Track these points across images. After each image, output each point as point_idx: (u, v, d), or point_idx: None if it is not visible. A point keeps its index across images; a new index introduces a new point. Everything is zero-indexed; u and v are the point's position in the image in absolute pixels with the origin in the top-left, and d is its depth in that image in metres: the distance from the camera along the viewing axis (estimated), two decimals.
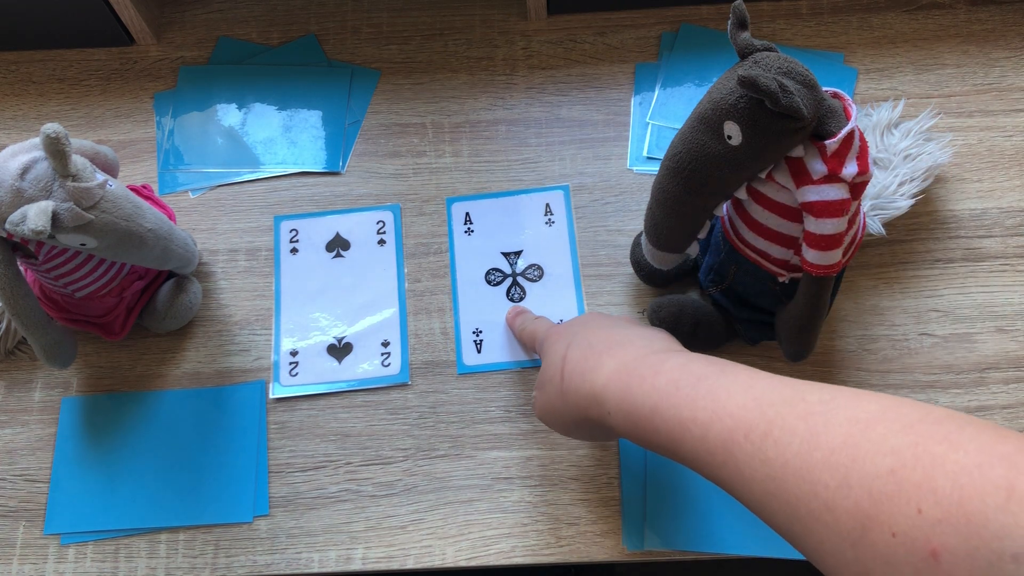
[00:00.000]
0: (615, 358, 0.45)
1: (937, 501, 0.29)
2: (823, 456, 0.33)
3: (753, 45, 0.45)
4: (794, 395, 0.37)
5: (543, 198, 0.66)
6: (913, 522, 0.30)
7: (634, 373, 0.43)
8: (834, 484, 0.32)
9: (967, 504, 0.29)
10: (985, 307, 0.61)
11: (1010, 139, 0.66)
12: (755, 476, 0.36)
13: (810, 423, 0.35)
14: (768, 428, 0.36)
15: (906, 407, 0.34)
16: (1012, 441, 0.31)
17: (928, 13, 0.71)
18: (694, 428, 0.39)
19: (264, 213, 0.67)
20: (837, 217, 0.46)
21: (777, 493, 0.35)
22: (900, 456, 0.31)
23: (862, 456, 0.32)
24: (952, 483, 0.29)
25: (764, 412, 0.37)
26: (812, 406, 0.36)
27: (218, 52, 0.73)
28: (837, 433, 0.34)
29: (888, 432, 0.32)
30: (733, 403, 0.38)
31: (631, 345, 0.46)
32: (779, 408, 0.36)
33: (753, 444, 0.36)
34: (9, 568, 0.57)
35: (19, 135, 0.71)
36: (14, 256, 0.52)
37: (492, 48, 0.72)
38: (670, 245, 0.54)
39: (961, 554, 0.28)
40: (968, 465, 0.30)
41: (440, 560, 0.56)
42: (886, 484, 0.31)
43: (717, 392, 0.39)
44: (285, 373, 0.62)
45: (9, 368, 0.63)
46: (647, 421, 0.41)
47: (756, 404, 0.37)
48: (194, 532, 0.58)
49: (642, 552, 0.55)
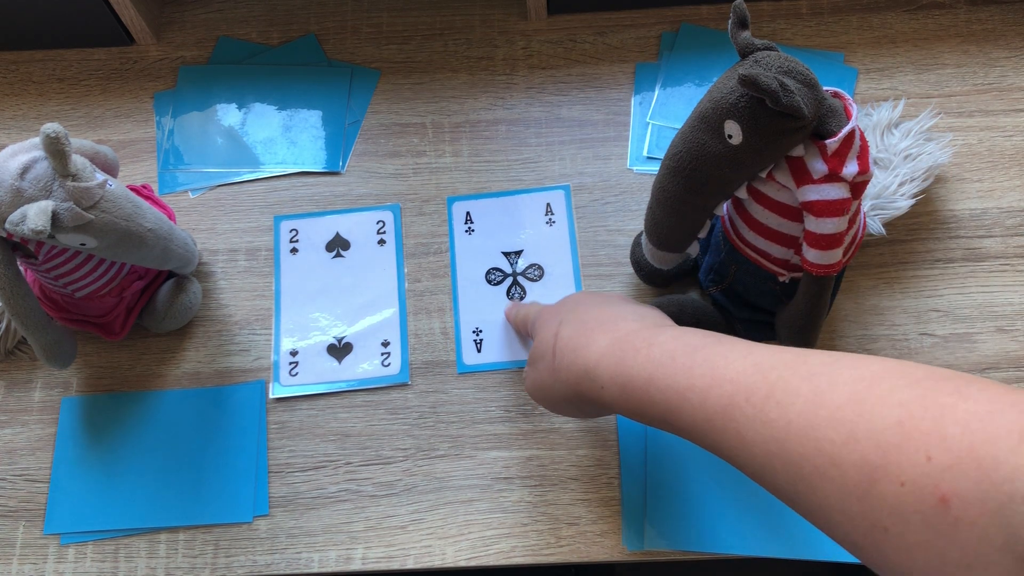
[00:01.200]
0: (608, 333, 0.45)
1: (947, 447, 0.29)
2: (828, 413, 0.33)
3: (754, 44, 0.45)
4: (795, 359, 0.37)
5: (544, 198, 0.66)
6: (922, 470, 0.29)
7: (628, 347, 0.43)
8: (840, 439, 0.32)
9: (978, 448, 0.28)
10: (985, 307, 0.61)
11: (1010, 139, 0.66)
12: (756, 439, 0.35)
13: (814, 383, 0.35)
14: (770, 390, 0.36)
15: (911, 366, 0.34)
16: (1020, 392, 0.31)
17: (928, 13, 0.71)
18: (692, 396, 0.38)
19: (264, 213, 0.67)
20: (837, 216, 0.46)
21: (780, 454, 0.34)
22: (908, 408, 0.31)
23: (868, 410, 0.32)
24: (963, 429, 0.29)
25: (765, 375, 0.36)
26: (815, 367, 0.35)
27: (218, 52, 0.73)
28: (842, 391, 0.33)
29: (895, 387, 0.32)
30: (732, 369, 0.38)
31: (624, 320, 0.46)
32: (780, 371, 0.36)
33: (754, 407, 0.36)
34: (9, 568, 0.57)
35: (19, 135, 0.71)
36: (14, 256, 0.52)
37: (492, 48, 0.72)
38: (670, 245, 0.54)
39: (971, 498, 0.28)
40: (979, 412, 0.29)
41: (440, 560, 0.56)
42: (894, 435, 0.31)
43: (715, 360, 0.39)
44: (285, 373, 0.62)
45: (9, 368, 0.63)
46: (642, 392, 0.41)
47: (756, 368, 0.37)
48: (194, 532, 0.58)
49: (642, 552, 0.55)
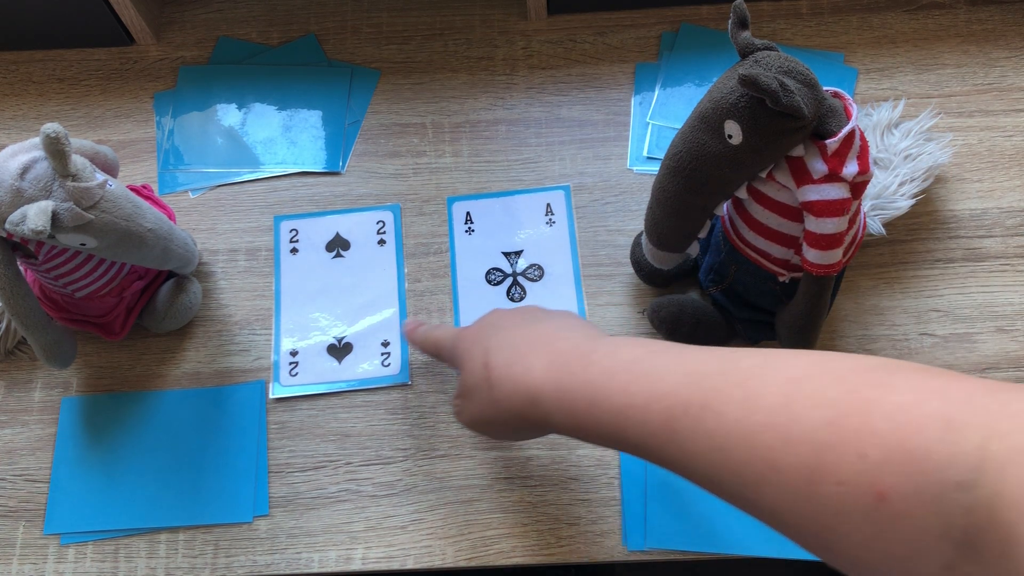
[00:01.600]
0: (543, 356, 0.44)
1: (878, 443, 0.29)
2: (763, 418, 0.33)
3: (754, 44, 0.45)
4: (727, 364, 0.37)
5: (544, 198, 0.66)
6: (857, 468, 0.30)
7: (565, 370, 0.42)
8: (777, 444, 0.32)
9: (907, 441, 0.29)
10: (985, 307, 0.61)
11: (1010, 139, 0.66)
12: (699, 450, 0.36)
13: (746, 388, 0.35)
14: (705, 400, 0.36)
15: (837, 360, 0.34)
16: (942, 376, 0.31)
17: (928, 13, 0.71)
18: (633, 414, 0.38)
19: (264, 213, 0.67)
20: (837, 216, 0.46)
21: (724, 463, 0.35)
22: (836, 406, 0.31)
23: (800, 412, 0.32)
24: (890, 423, 0.29)
25: (700, 384, 0.36)
26: (746, 371, 0.36)
27: (218, 52, 0.73)
28: (774, 394, 0.34)
29: (822, 385, 0.33)
30: (667, 382, 0.38)
31: (554, 339, 0.45)
32: (714, 379, 0.36)
33: (693, 418, 0.36)
34: (9, 568, 0.57)
35: (19, 135, 0.71)
36: (14, 256, 0.52)
37: (492, 48, 0.72)
38: (670, 245, 0.54)
39: (908, 491, 0.28)
40: (904, 403, 0.30)
41: (440, 560, 0.56)
42: (826, 435, 0.31)
43: (650, 374, 0.39)
44: (285, 373, 0.62)
45: (9, 368, 0.63)
46: (587, 415, 0.41)
47: (690, 379, 0.37)
48: (194, 532, 0.58)
49: (642, 552, 0.55)
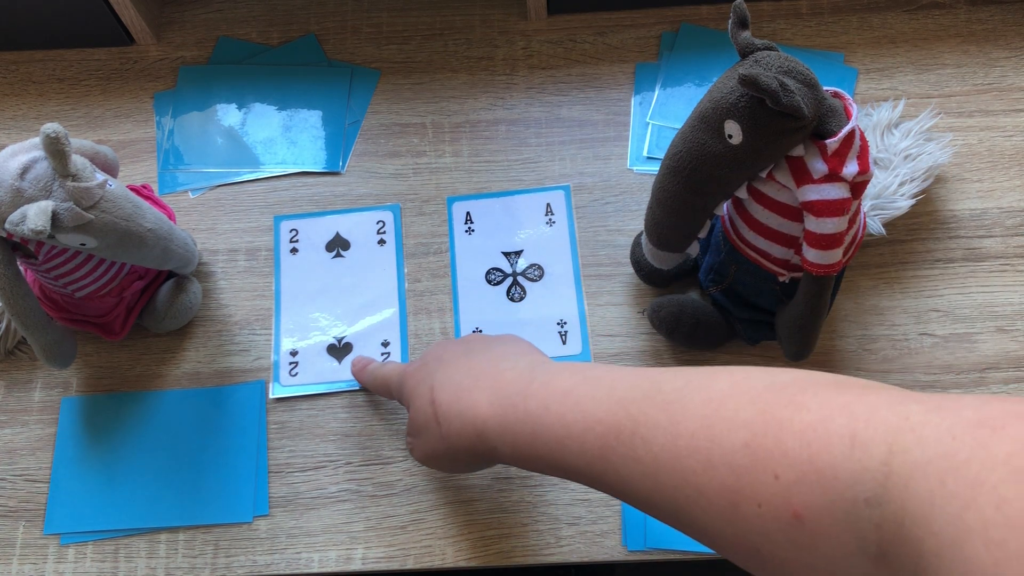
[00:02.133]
0: (486, 390, 0.44)
1: (790, 464, 0.30)
2: (686, 443, 0.34)
3: (754, 44, 0.45)
4: (652, 387, 0.38)
5: (544, 198, 0.66)
6: (773, 489, 0.30)
7: (507, 404, 0.43)
8: (700, 468, 0.33)
9: (816, 460, 0.29)
10: (985, 307, 0.61)
11: (1010, 139, 0.66)
12: (632, 476, 0.36)
13: (670, 413, 0.36)
14: (634, 427, 0.37)
15: (754, 377, 0.35)
16: (851, 390, 0.31)
17: (928, 13, 0.71)
18: (571, 444, 0.39)
19: (264, 213, 0.67)
20: (837, 216, 0.46)
21: (656, 488, 0.35)
22: (751, 428, 0.32)
23: (719, 435, 0.33)
24: (800, 442, 0.30)
25: (628, 411, 0.37)
26: (668, 395, 0.36)
27: (218, 52, 0.73)
28: (695, 416, 0.34)
29: (739, 406, 0.33)
30: (600, 410, 0.38)
31: (496, 372, 0.45)
32: (640, 404, 0.37)
33: (625, 445, 0.37)
34: (9, 568, 0.57)
35: (19, 135, 0.71)
36: (14, 256, 0.52)
37: (492, 48, 0.72)
38: (670, 245, 0.54)
39: (821, 509, 0.29)
40: (812, 422, 0.30)
41: (440, 560, 0.56)
42: (743, 457, 0.32)
43: (583, 403, 0.39)
44: (285, 373, 0.62)
45: (9, 368, 0.63)
46: (529, 448, 0.41)
47: (620, 405, 0.38)
48: (194, 532, 0.58)
49: (642, 552, 0.55)
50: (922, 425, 0.27)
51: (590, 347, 0.61)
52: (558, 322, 0.62)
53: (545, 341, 0.61)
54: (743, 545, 0.32)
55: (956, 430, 0.26)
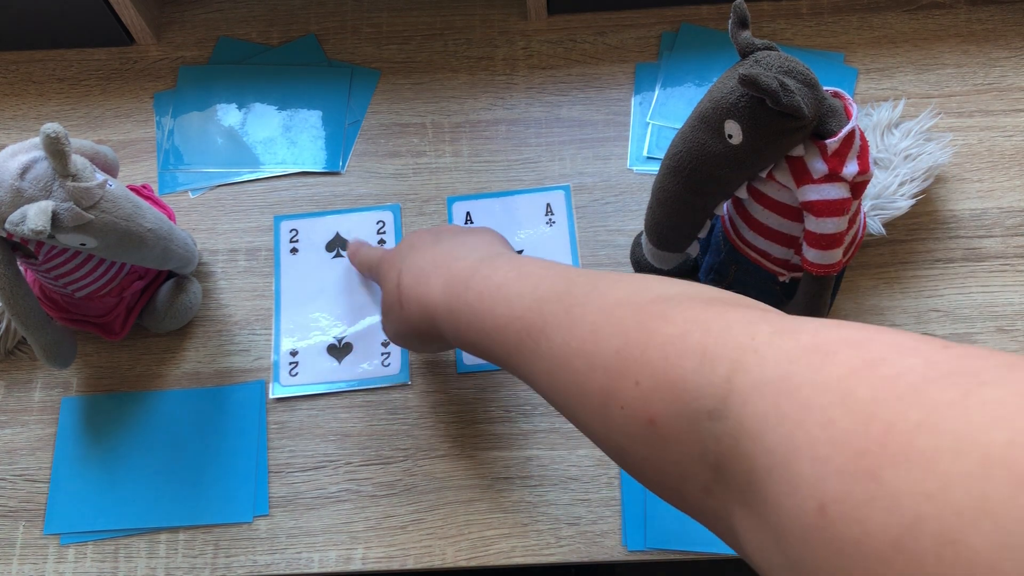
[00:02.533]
0: (441, 277, 0.47)
1: (650, 373, 0.32)
2: (578, 345, 0.36)
3: (754, 44, 0.45)
4: (565, 289, 0.40)
5: (544, 198, 0.66)
6: (633, 394, 0.32)
7: (452, 292, 0.46)
8: (584, 368, 0.35)
9: (671, 372, 0.31)
10: (985, 307, 0.61)
11: (1010, 139, 0.66)
12: (538, 372, 0.39)
13: (572, 314, 0.38)
14: (543, 325, 0.39)
15: (648, 288, 0.37)
16: (715, 306, 0.33)
17: (928, 13, 0.71)
18: (495, 335, 0.42)
19: (264, 213, 0.67)
20: (838, 216, 0.46)
21: (553, 384, 0.38)
22: (626, 336, 0.34)
23: (601, 339, 0.35)
24: (659, 353, 0.32)
25: (541, 309, 0.39)
26: (576, 298, 0.39)
27: (218, 52, 0.73)
28: (589, 321, 0.36)
29: (624, 315, 0.35)
30: (520, 306, 0.41)
31: (453, 260, 0.48)
32: (552, 304, 0.39)
33: (535, 341, 0.39)
34: (9, 568, 0.57)
35: (19, 135, 0.71)
36: (14, 256, 0.52)
37: (492, 48, 0.72)
38: (670, 244, 0.54)
39: (670, 417, 0.31)
40: (673, 335, 0.32)
41: (440, 560, 0.56)
42: (615, 363, 0.34)
43: (511, 298, 0.42)
44: (285, 373, 0.62)
45: (9, 368, 0.63)
46: (467, 335, 0.44)
47: (537, 304, 0.40)
48: (194, 532, 0.58)
49: (642, 552, 0.55)
50: (766, 346, 0.29)
51: None
52: None
53: None
54: (612, 443, 0.35)
55: (794, 354, 0.27)
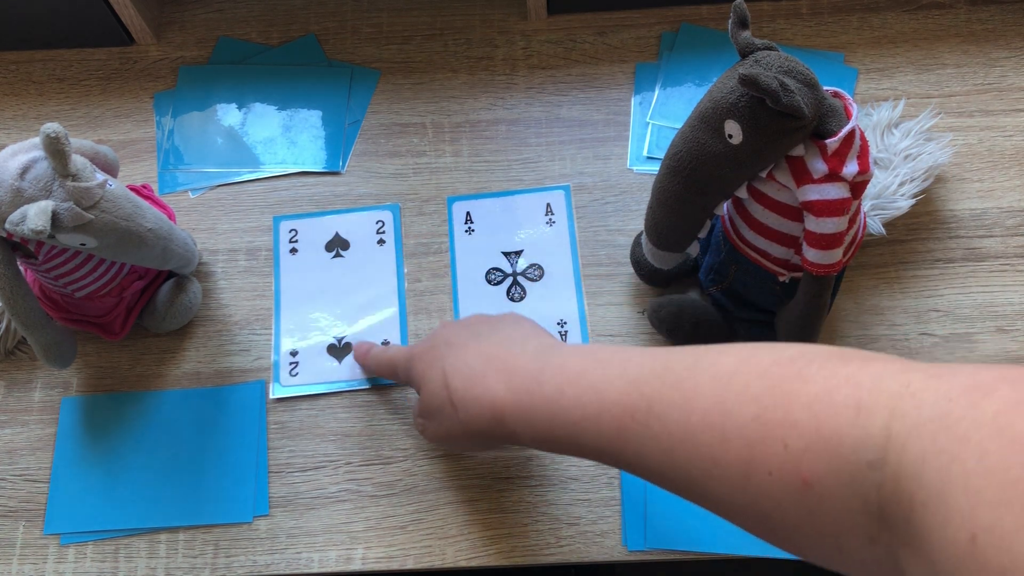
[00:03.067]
0: (500, 376, 0.46)
1: (799, 433, 0.32)
2: (699, 418, 0.36)
3: (754, 44, 0.45)
4: (663, 367, 0.39)
5: (544, 198, 0.66)
6: (783, 458, 0.32)
7: (522, 390, 0.44)
8: (714, 442, 0.35)
9: (823, 429, 0.31)
10: (985, 307, 0.61)
11: (1010, 139, 0.66)
12: (651, 453, 0.38)
13: (682, 390, 0.37)
14: (649, 405, 0.38)
15: (761, 353, 0.37)
16: (854, 361, 0.33)
17: (928, 13, 0.71)
18: (587, 425, 0.41)
19: (264, 213, 0.67)
20: (838, 216, 0.46)
21: (671, 463, 0.37)
22: (761, 401, 0.34)
23: (730, 409, 0.35)
24: (808, 413, 0.32)
25: (642, 391, 0.39)
26: (680, 374, 0.38)
27: (218, 52, 0.73)
28: (706, 394, 0.36)
29: (748, 381, 0.35)
30: (614, 390, 0.40)
31: (508, 356, 0.47)
32: (653, 384, 0.39)
33: (640, 424, 0.38)
34: (9, 568, 0.57)
35: (19, 135, 0.71)
36: (14, 256, 0.52)
37: (492, 48, 0.72)
38: (670, 244, 0.54)
39: (827, 475, 0.30)
40: (819, 393, 0.32)
41: (440, 560, 0.56)
42: (754, 430, 0.33)
43: (598, 385, 0.41)
44: (285, 373, 0.62)
45: (9, 368, 0.63)
46: (548, 432, 0.43)
47: (634, 386, 0.39)
48: (194, 532, 0.58)
49: (642, 552, 0.55)
50: (921, 391, 0.29)
51: None
52: (558, 322, 0.62)
53: None
54: (754, 512, 0.34)
55: (952, 393, 0.28)
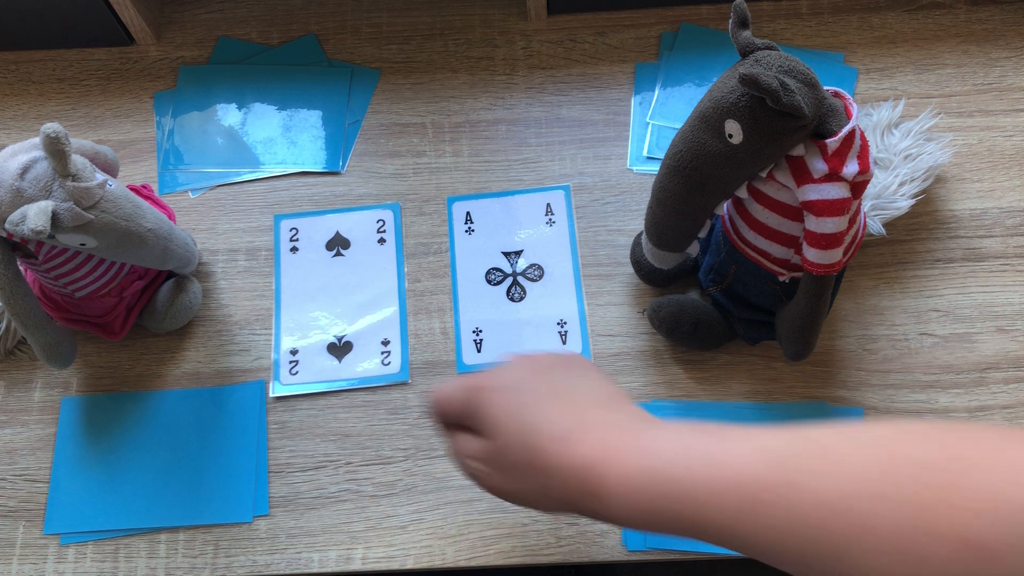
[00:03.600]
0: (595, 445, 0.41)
1: (976, 497, 0.31)
2: (853, 486, 0.33)
3: (754, 44, 0.45)
4: (797, 438, 0.36)
5: (544, 198, 0.66)
6: (957, 522, 0.31)
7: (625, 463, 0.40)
8: (871, 509, 0.33)
9: (1003, 492, 0.30)
10: (985, 307, 0.61)
11: (1010, 139, 0.66)
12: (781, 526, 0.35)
13: (830, 459, 0.34)
14: (787, 477, 0.35)
15: (917, 423, 0.35)
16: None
17: (928, 13, 0.71)
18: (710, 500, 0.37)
19: (264, 213, 0.67)
20: (838, 216, 0.46)
21: (809, 536, 0.34)
22: (928, 465, 0.32)
23: (892, 476, 0.33)
24: (986, 476, 0.31)
25: (781, 463, 0.36)
26: (825, 443, 0.35)
27: (218, 52, 0.73)
28: (860, 461, 0.34)
29: (908, 446, 0.33)
30: (742, 463, 0.37)
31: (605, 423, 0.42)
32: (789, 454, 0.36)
33: (775, 495, 0.35)
34: (9, 568, 0.57)
35: (19, 135, 0.71)
36: (14, 256, 0.52)
37: (492, 48, 0.72)
38: (670, 244, 0.54)
39: (1011, 541, 0.29)
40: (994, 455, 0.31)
41: (440, 560, 0.56)
42: (924, 493, 0.32)
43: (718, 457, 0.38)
44: (285, 372, 0.62)
45: (9, 368, 0.63)
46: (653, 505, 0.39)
47: (767, 457, 0.36)
48: (194, 532, 0.58)
49: (642, 552, 0.55)
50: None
51: (590, 347, 0.61)
52: (558, 322, 0.62)
53: (545, 341, 0.61)
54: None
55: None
